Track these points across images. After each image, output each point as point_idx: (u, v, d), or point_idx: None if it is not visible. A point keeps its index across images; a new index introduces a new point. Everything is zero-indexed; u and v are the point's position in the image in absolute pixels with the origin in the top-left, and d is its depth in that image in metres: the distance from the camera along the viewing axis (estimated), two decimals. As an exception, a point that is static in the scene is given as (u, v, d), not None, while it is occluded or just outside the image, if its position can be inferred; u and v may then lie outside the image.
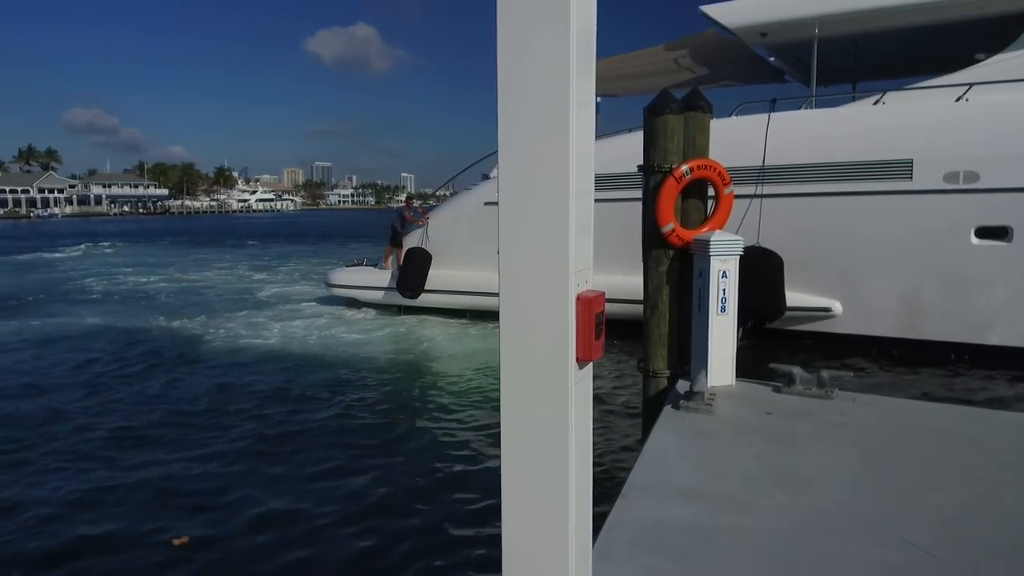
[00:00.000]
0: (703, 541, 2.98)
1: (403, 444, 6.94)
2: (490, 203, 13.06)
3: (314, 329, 13.08)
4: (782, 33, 11.32)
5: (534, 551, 1.57)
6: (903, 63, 13.56)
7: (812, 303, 10.31)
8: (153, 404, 8.28)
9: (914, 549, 2.88)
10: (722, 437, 4.38)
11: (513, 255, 1.51)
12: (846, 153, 9.85)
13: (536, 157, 1.49)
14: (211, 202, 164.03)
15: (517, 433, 1.54)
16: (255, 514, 5.32)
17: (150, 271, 25.35)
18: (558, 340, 1.49)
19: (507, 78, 1.51)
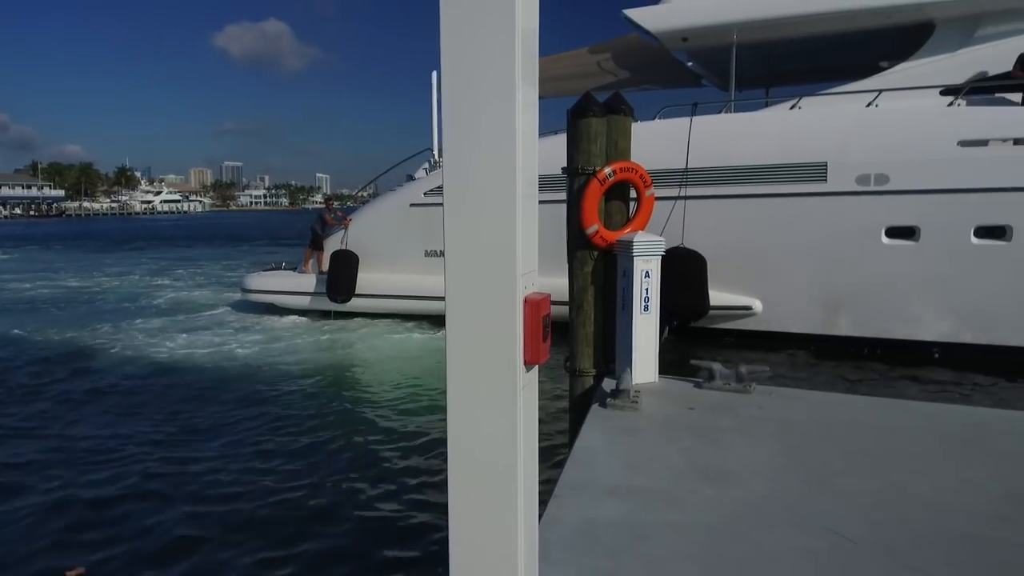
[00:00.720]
0: (636, 537, 3.02)
1: (336, 456, 6.68)
2: (416, 204, 12.92)
3: (225, 339, 12.35)
4: (702, 38, 11.64)
5: (482, 556, 1.54)
6: (813, 70, 14.18)
7: (733, 302, 10.62)
8: (34, 427, 7.55)
9: (836, 536, 2.99)
10: (649, 433, 4.45)
11: (460, 258, 1.48)
12: (765, 156, 10.20)
13: (482, 160, 1.46)
14: (112, 204, 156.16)
15: (464, 437, 1.51)
16: (156, 544, 4.96)
17: (37, 277, 23.74)
18: (506, 343, 1.46)
19: (452, 80, 1.48)
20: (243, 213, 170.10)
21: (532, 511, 1.63)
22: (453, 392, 1.51)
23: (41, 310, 16.08)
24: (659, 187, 9.90)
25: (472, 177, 1.46)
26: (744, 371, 5.30)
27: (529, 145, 1.51)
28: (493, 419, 1.48)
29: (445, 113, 1.48)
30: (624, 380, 5.01)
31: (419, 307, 12.79)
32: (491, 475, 1.50)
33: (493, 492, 1.51)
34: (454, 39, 1.46)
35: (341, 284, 13.20)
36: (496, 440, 1.49)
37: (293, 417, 7.88)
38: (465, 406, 1.50)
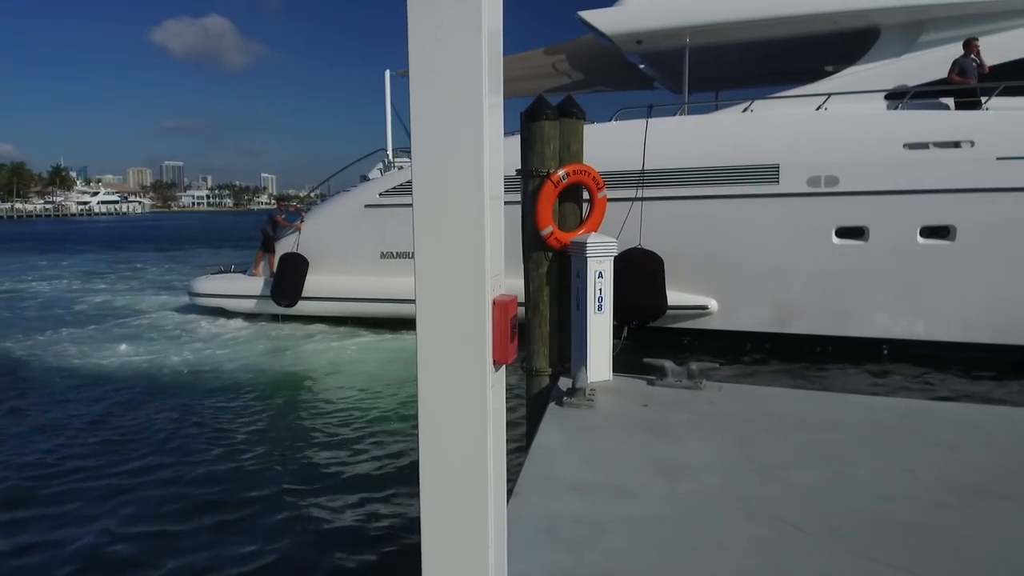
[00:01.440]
0: (595, 532, 3.09)
1: (283, 466, 6.52)
2: (371, 205, 12.75)
3: (166, 345, 12.00)
4: (656, 41, 11.77)
5: (454, 553, 1.58)
6: (762, 73, 14.48)
7: (690, 301, 10.76)
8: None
9: (786, 525, 3.12)
10: (605, 430, 4.54)
11: (429, 261, 1.52)
12: (719, 158, 10.39)
13: (450, 162, 1.50)
14: (46, 205, 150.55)
15: (435, 434, 1.55)
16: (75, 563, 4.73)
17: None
18: (475, 343, 1.51)
19: (420, 82, 1.51)
20: (185, 214, 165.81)
21: (501, 506, 1.68)
22: (424, 391, 1.55)
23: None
24: (616, 188, 10.07)
25: (441, 180, 1.50)
26: (695, 368, 5.44)
27: (495, 147, 1.55)
28: (464, 417, 1.53)
29: (414, 115, 1.51)
30: (580, 379, 5.09)
31: (374, 310, 12.65)
32: (462, 471, 1.54)
33: (465, 488, 1.55)
34: (422, 41, 1.49)
35: (286, 287, 12.95)
36: (467, 437, 1.53)
37: (236, 424, 7.73)
38: (436, 404, 1.54)
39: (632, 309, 9.77)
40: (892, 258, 9.84)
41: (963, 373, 9.18)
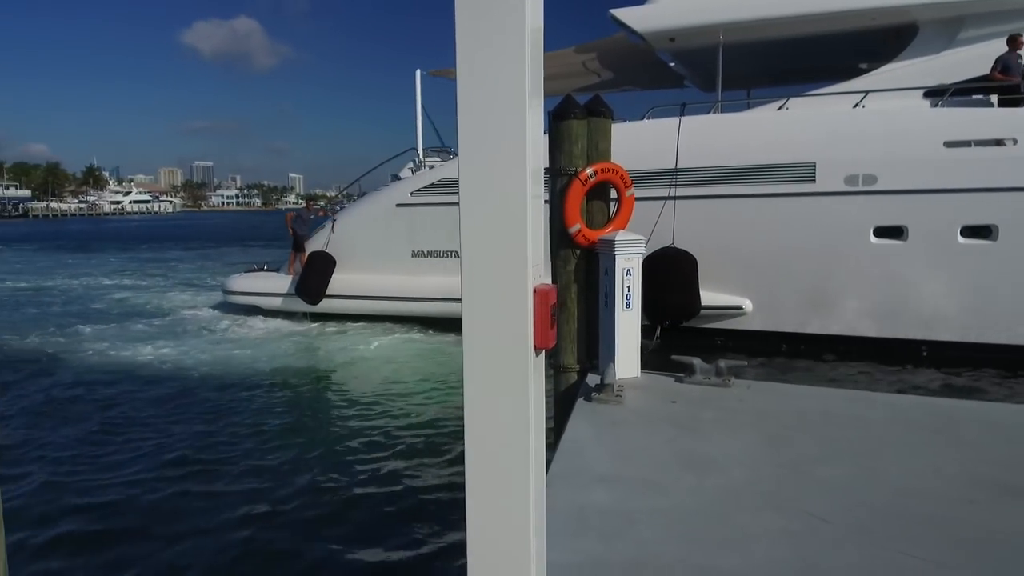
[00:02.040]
0: (625, 523, 3.16)
1: (321, 459, 6.67)
2: (403, 204, 12.84)
3: (207, 340, 12.30)
4: (689, 39, 11.71)
5: (497, 534, 1.67)
6: (795, 71, 14.34)
7: (724, 302, 10.66)
8: (9, 434, 7.34)
9: (812, 518, 3.16)
10: (633, 426, 4.61)
11: (475, 252, 1.60)
12: (754, 156, 10.28)
13: (496, 157, 1.58)
14: (80, 204, 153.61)
15: (480, 417, 1.64)
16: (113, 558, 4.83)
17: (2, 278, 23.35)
18: (518, 329, 1.59)
19: (467, 82, 1.58)
20: (215, 214, 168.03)
21: (542, 491, 1.76)
22: (469, 376, 1.63)
23: (9, 311, 15.83)
24: (648, 187, 10.09)
25: (487, 174, 1.58)
26: (723, 366, 5.48)
27: (536, 144, 1.63)
28: (507, 399, 1.61)
29: (461, 112, 1.59)
30: (608, 375, 5.16)
31: (406, 308, 12.76)
32: (505, 454, 1.63)
33: (507, 471, 1.64)
34: (468, 39, 1.56)
35: (311, 286, 13.12)
36: (510, 419, 1.62)
37: (267, 419, 7.89)
38: (481, 389, 1.63)
39: (665, 309, 9.74)
40: (932, 258, 9.67)
41: (1010, 375, 8.99)
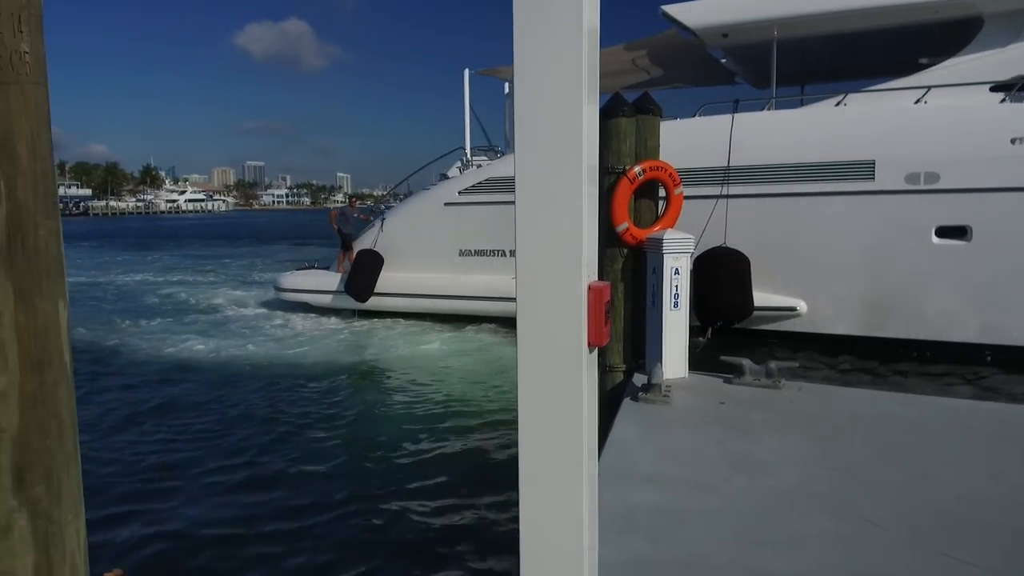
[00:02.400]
0: (674, 523, 3.15)
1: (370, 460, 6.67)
2: (451, 203, 12.87)
3: (259, 336, 12.51)
4: (742, 34, 11.45)
5: (550, 530, 1.68)
6: (850, 67, 13.94)
7: (777, 303, 10.37)
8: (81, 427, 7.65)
9: (865, 522, 3.10)
10: (681, 426, 4.57)
11: (531, 249, 1.62)
12: (810, 154, 10.00)
13: (552, 156, 1.59)
14: (137, 203, 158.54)
15: (534, 416, 1.65)
16: (186, 545, 4.94)
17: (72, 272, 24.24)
18: (572, 327, 1.60)
19: (524, 80, 1.60)
20: (266, 212, 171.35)
21: (594, 486, 1.77)
22: (524, 372, 1.65)
23: (85, 309, 16.40)
24: (700, 185, 9.97)
25: (543, 172, 1.60)
26: (774, 367, 5.40)
27: (591, 143, 1.64)
28: (561, 397, 1.62)
29: (518, 111, 1.61)
30: (655, 375, 5.13)
31: (451, 307, 12.81)
32: (559, 450, 1.64)
33: (561, 467, 1.65)
34: (525, 38, 1.58)
35: (360, 284, 13.24)
36: (564, 414, 1.63)
37: (317, 417, 7.95)
38: (535, 385, 1.65)
39: (716, 310, 9.54)
40: (997, 259, 9.24)
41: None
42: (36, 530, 0.86)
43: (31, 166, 0.88)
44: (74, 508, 0.93)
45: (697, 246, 9.72)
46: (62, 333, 0.93)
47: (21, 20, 0.87)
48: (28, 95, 0.88)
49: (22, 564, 0.84)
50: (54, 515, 0.88)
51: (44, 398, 0.87)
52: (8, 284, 0.83)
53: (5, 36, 0.84)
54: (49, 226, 0.91)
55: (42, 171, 0.90)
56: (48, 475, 0.88)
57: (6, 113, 0.84)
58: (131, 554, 4.82)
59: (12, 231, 0.84)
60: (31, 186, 0.87)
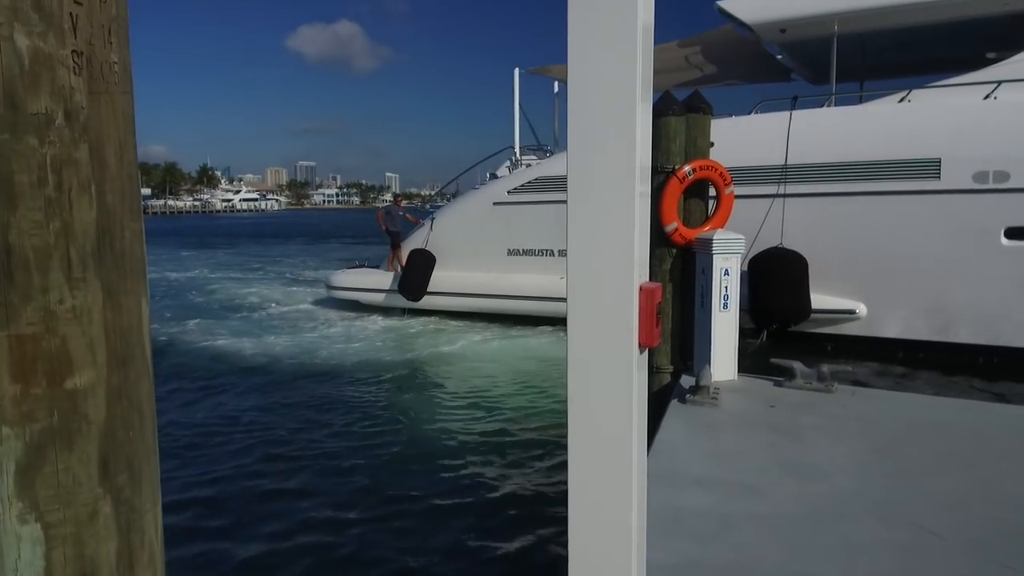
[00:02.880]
0: (722, 526, 3.12)
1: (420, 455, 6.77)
2: (500, 203, 12.86)
3: (312, 333, 12.71)
4: (801, 29, 11.13)
5: (598, 530, 1.70)
6: (912, 63, 13.49)
7: (836, 305, 10.03)
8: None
9: (922, 531, 3.03)
10: (729, 429, 4.52)
11: (582, 249, 1.63)
12: (872, 151, 9.65)
13: (605, 156, 1.60)
14: (194, 202, 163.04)
15: (584, 416, 1.67)
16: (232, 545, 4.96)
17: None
18: (623, 328, 1.61)
19: (578, 80, 1.61)
20: (317, 211, 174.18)
21: (643, 487, 1.77)
22: (573, 372, 1.66)
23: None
24: (756, 184, 9.81)
25: (595, 173, 1.61)
26: (826, 370, 5.30)
27: (644, 142, 1.64)
28: (611, 398, 1.63)
29: (571, 109, 1.62)
30: (704, 376, 5.08)
31: (500, 306, 12.80)
32: (608, 450, 1.65)
33: (610, 467, 1.66)
34: (580, 37, 1.59)
35: (413, 283, 13.32)
36: (613, 414, 1.64)
37: (373, 415, 8.02)
38: (585, 385, 1.66)
39: (772, 312, 9.30)
40: None
41: None
42: (119, 517, 0.91)
43: (119, 171, 0.93)
44: (152, 497, 0.98)
45: (752, 246, 9.57)
46: (144, 330, 0.98)
47: (111, 32, 0.92)
48: (116, 103, 0.93)
49: (106, 549, 0.89)
50: (135, 503, 0.93)
51: (128, 392, 0.92)
52: (97, 283, 0.88)
53: (96, 48, 0.89)
54: (134, 227, 0.96)
55: (128, 175, 0.95)
56: (130, 465, 0.93)
57: (97, 121, 0.89)
58: (179, 549, 4.91)
59: (101, 233, 0.89)
60: (118, 190, 0.92)
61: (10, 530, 0.82)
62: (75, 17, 0.86)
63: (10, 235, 0.81)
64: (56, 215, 0.84)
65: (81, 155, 0.87)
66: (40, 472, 0.84)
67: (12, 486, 0.82)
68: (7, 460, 0.82)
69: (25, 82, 0.81)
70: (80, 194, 0.87)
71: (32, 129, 0.82)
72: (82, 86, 0.87)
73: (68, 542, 0.86)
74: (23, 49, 0.81)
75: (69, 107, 0.85)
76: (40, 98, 0.83)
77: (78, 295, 0.86)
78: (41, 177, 0.83)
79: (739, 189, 9.99)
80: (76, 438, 0.86)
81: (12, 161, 0.81)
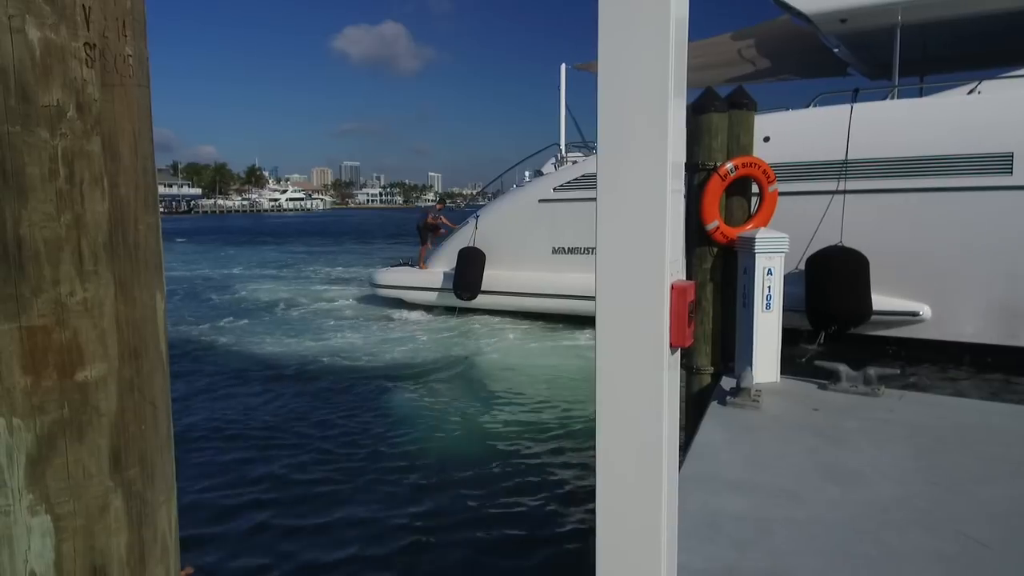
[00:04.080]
0: (760, 531, 3.05)
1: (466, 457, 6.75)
2: (545, 200, 12.72)
3: (359, 332, 12.72)
4: (863, 20, 10.71)
5: (627, 534, 1.66)
6: (976, 55, 12.94)
7: (898, 307, 9.62)
8: (190, 423, 7.58)
9: (970, 541, 2.91)
10: (770, 432, 4.42)
11: (612, 246, 1.59)
12: (938, 146, 9.21)
13: (635, 153, 1.56)
14: (242, 201, 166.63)
15: (613, 414, 1.63)
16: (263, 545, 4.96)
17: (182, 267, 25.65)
18: (654, 326, 1.57)
19: (608, 73, 1.57)
20: (361, 211, 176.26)
21: (674, 490, 1.73)
22: (603, 372, 1.63)
23: (194, 304, 17.33)
24: (814, 180, 9.54)
25: (626, 169, 1.57)
26: (873, 373, 5.15)
27: (677, 138, 1.60)
28: (641, 398, 1.59)
29: (601, 104, 1.59)
30: (745, 378, 4.98)
31: (545, 305, 12.69)
32: (638, 452, 1.61)
33: (639, 470, 1.62)
34: (611, 28, 1.55)
35: (467, 281, 13.24)
36: (643, 416, 1.60)
37: (420, 414, 8.04)
38: (614, 385, 1.62)
39: (831, 314, 8.98)
40: None
41: None
42: (130, 510, 0.91)
43: (132, 164, 0.92)
44: (166, 491, 0.98)
45: (809, 245, 9.29)
46: (159, 323, 0.98)
47: (126, 25, 0.92)
48: (131, 96, 0.93)
49: (116, 542, 0.89)
50: (147, 496, 0.93)
51: (140, 385, 0.92)
52: (109, 276, 0.88)
53: (111, 40, 0.89)
54: (149, 221, 0.96)
55: (143, 169, 0.95)
56: (143, 458, 0.92)
57: (110, 113, 0.89)
58: (210, 549, 4.91)
59: (114, 225, 0.89)
60: (132, 183, 0.92)
61: (20, 521, 0.83)
62: (87, 9, 0.86)
63: (21, 227, 0.81)
64: (68, 208, 0.84)
65: (94, 147, 0.87)
66: (50, 464, 0.84)
67: (23, 478, 0.82)
68: (18, 452, 0.82)
69: (36, 74, 0.81)
70: (92, 187, 0.87)
71: (43, 121, 0.82)
72: (95, 78, 0.87)
73: (78, 534, 0.86)
74: (34, 41, 0.81)
75: (81, 99, 0.85)
76: (52, 90, 0.83)
77: (89, 288, 0.86)
78: (52, 169, 0.83)
79: (796, 185, 9.58)
80: (87, 430, 0.86)
81: (23, 153, 0.81)
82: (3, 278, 0.81)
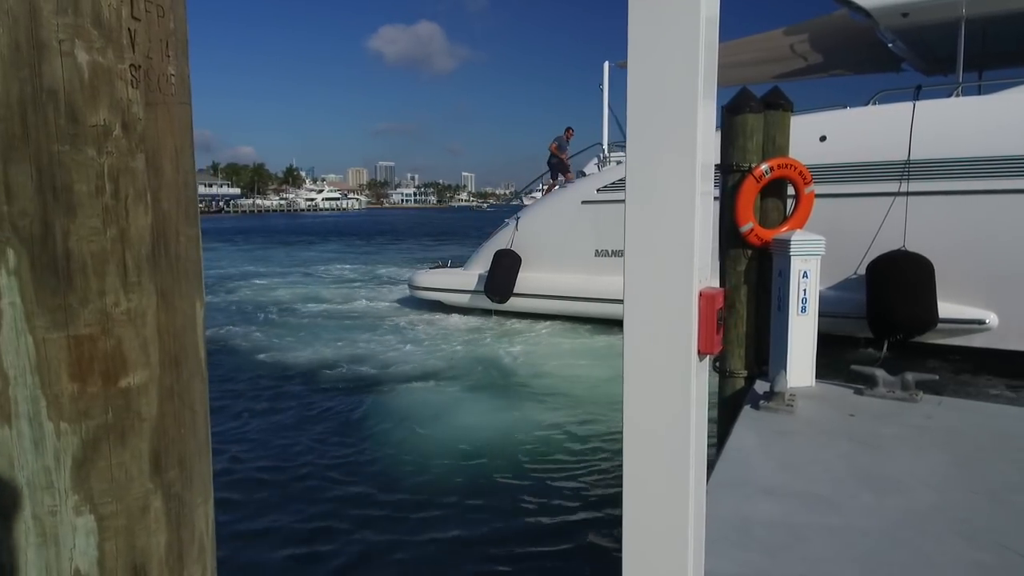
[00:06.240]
0: (793, 538, 3.02)
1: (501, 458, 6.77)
2: (588, 202, 12.45)
3: (397, 334, 12.65)
4: (925, 14, 10.28)
5: (654, 540, 1.66)
6: None
7: (964, 314, 9.22)
8: (238, 439, 7.36)
9: (1011, 553, 2.86)
10: (804, 437, 4.37)
11: (640, 251, 1.60)
12: (1009, 146, 8.81)
13: (664, 154, 1.56)
14: (280, 201, 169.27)
15: (640, 422, 1.63)
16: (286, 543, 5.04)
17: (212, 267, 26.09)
18: (682, 333, 1.57)
19: (639, 75, 1.57)
20: (396, 210, 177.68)
21: (701, 498, 1.73)
22: (630, 379, 1.63)
23: (237, 308, 17.61)
24: (874, 181, 9.28)
25: (654, 172, 1.57)
26: (911, 379, 5.06)
27: (707, 140, 1.59)
28: (668, 406, 1.59)
29: (631, 104, 1.59)
30: (779, 382, 4.93)
31: (586, 309, 12.40)
32: (664, 460, 1.61)
33: (666, 477, 1.62)
34: (641, 27, 1.55)
35: (499, 284, 13.04)
36: (671, 426, 1.60)
37: (453, 416, 7.99)
38: (641, 393, 1.62)
39: (894, 321, 8.69)
40: None
41: None
42: (169, 511, 0.94)
43: (174, 179, 0.96)
44: (204, 492, 1.02)
45: (870, 249, 9.02)
46: (198, 331, 1.01)
47: (168, 45, 0.96)
48: (173, 114, 0.97)
49: (156, 542, 0.93)
50: (185, 498, 0.97)
51: (180, 391, 0.96)
52: (152, 286, 0.92)
53: (154, 61, 0.93)
54: (190, 233, 0.99)
55: (184, 183, 0.98)
56: (181, 461, 0.96)
57: (153, 131, 0.93)
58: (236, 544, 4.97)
59: (156, 238, 0.92)
60: (174, 197, 0.96)
61: (66, 521, 0.87)
62: (133, 32, 0.89)
63: (70, 241, 0.85)
64: (113, 222, 0.88)
65: (138, 164, 0.90)
66: (95, 466, 0.88)
67: (68, 479, 0.87)
68: (64, 455, 0.86)
69: (85, 95, 0.85)
70: (136, 202, 0.90)
71: (91, 140, 0.86)
72: (139, 98, 0.91)
73: (120, 534, 0.90)
74: (83, 64, 0.85)
75: (127, 118, 0.89)
76: (99, 110, 0.86)
77: (133, 298, 0.90)
78: (99, 186, 0.87)
79: (855, 187, 9.28)
80: (129, 435, 0.90)
81: (72, 171, 0.85)
82: (52, 290, 0.85)
